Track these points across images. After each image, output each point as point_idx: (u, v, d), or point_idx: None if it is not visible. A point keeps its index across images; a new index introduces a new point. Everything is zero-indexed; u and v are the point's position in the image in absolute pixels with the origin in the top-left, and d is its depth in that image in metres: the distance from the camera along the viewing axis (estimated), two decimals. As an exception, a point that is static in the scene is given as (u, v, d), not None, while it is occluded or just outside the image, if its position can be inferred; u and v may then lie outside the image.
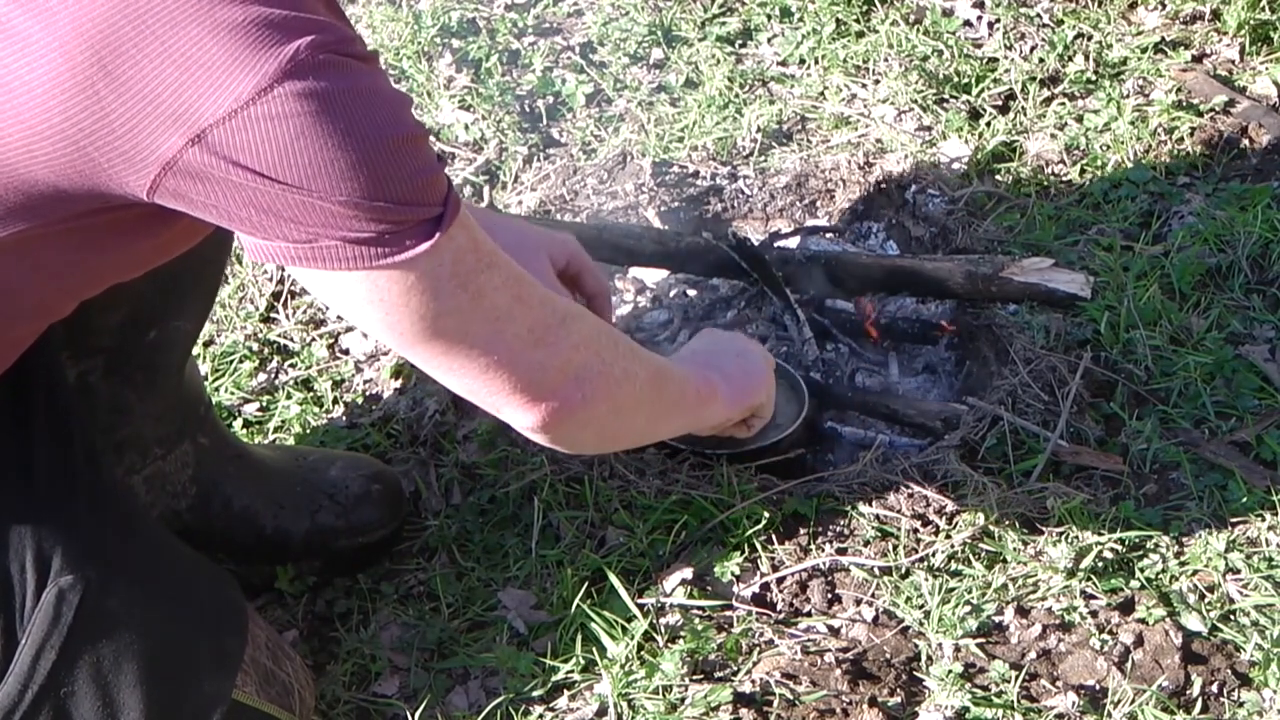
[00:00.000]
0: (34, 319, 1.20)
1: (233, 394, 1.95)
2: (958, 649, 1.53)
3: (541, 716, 1.50)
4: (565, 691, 1.52)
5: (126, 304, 1.41)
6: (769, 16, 2.68)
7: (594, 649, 1.55)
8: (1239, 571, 1.60)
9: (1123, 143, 2.32)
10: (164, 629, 1.26)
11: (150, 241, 1.15)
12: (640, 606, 1.58)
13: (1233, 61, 2.55)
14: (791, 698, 1.48)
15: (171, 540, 1.37)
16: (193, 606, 1.32)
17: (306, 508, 1.65)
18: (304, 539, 1.66)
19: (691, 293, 2.17)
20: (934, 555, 1.63)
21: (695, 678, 1.51)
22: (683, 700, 1.48)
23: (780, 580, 1.62)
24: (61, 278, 1.16)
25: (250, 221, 1.05)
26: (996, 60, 2.53)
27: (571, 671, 1.53)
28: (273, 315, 2.11)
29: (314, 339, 2.04)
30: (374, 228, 1.05)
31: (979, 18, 2.66)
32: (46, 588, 1.18)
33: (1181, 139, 2.33)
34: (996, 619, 1.57)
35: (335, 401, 1.93)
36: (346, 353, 2.03)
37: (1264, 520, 1.66)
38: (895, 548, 1.64)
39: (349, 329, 2.06)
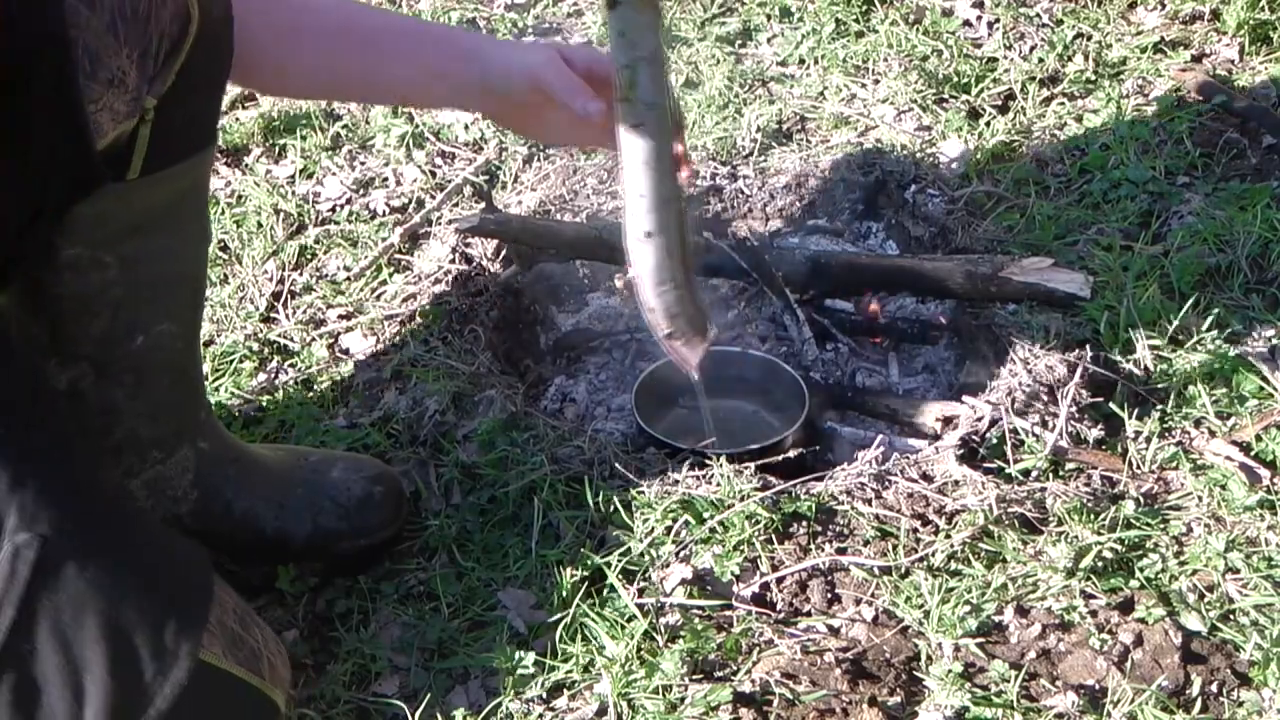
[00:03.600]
0: None
1: (233, 394, 1.95)
2: (957, 649, 1.53)
3: (541, 716, 1.50)
4: (565, 691, 1.52)
5: (106, 313, 1.42)
6: (769, 16, 2.68)
7: (594, 649, 1.55)
8: (1238, 571, 1.60)
9: (1122, 143, 2.32)
10: (124, 586, 1.23)
11: None
12: (640, 606, 1.57)
13: (1232, 61, 2.55)
14: (791, 697, 1.48)
15: (131, 502, 1.35)
16: (156, 566, 1.29)
17: (308, 510, 1.66)
18: (306, 541, 1.66)
19: (691, 293, 2.17)
20: (934, 555, 1.63)
21: (695, 677, 1.51)
22: (683, 700, 1.48)
23: (780, 580, 1.62)
24: None
25: None
26: (996, 60, 2.53)
27: (571, 671, 1.53)
28: (273, 315, 2.11)
29: (314, 339, 2.04)
30: None
31: (979, 18, 2.66)
32: (1, 546, 1.16)
33: (1181, 139, 2.33)
34: (996, 619, 1.57)
35: (335, 401, 1.93)
36: (346, 353, 2.03)
37: (1264, 520, 1.66)
38: (895, 547, 1.64)
39: (349, 329, 2.06)
